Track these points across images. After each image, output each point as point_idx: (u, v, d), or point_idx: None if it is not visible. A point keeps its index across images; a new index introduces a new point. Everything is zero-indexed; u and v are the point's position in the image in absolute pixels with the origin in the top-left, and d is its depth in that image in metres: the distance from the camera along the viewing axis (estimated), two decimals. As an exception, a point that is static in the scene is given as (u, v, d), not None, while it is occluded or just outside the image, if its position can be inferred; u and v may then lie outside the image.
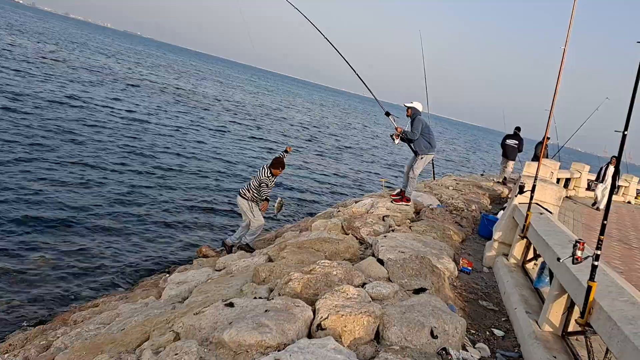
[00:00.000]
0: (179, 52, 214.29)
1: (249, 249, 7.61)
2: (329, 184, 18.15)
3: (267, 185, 7.64)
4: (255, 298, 3.77)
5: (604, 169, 14.08)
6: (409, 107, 7.88)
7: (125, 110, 21.32)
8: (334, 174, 20.14)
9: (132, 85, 31.47)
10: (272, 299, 3.63)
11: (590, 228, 10.56)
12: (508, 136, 14.20)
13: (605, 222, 3.30)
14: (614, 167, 13.08)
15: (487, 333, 4.15)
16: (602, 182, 13.83)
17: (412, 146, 8.08)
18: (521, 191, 6.00)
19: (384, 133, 45.83)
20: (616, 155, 11.85)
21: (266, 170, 7.66)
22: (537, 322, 3.96)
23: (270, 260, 5.50)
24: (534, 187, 5.70)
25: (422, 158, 7.88)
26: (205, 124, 24.15)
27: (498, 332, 4.19)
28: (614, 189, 3.44)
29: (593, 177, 15.99)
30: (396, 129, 7.94)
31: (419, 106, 7.85)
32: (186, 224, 10.31)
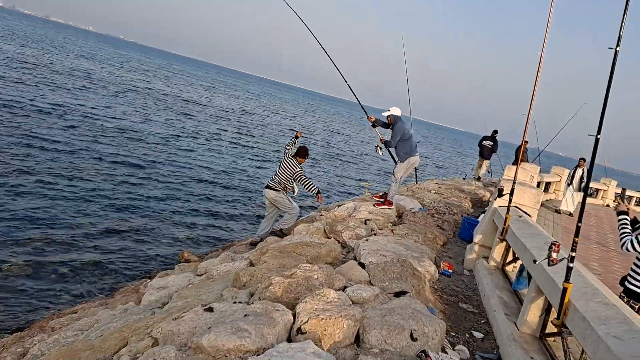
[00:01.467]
0: (163, 55, 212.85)
1: (282, 234, 7.60)
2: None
3: (304, 176, 7.62)
4: (235, 303, 3.75)
5: (572, 171, 13.66)
6: (388, 116, 7.97)
7: (111, 117, 20.95)
8: (318, 179, 20.15)
9: (117, 91, 30.99)
10: (252, 303, 3.62)
11: (570, 231, 10.73)
12: (485, 137, 15.27)
13: (579, 224, 3.36)
14: (582, 169, 13.08)
15: (467, 335, 4.19)
16: (569, 185, 13.49)
17: (392, 154, 8.23)
18: (500, 194, 6.08)
19: (368, 138, 45.99)
20: (584, 157, 11.90)
21: (292, 161, 7.59)
22: (515, 324, 4.01)
23: (251, 264, 5.48)
24: (512, 190, 5.78)
25: (402, 162, 7.94)
26: (192, 131, 23.86)
27: (477, 334, 4.23)
28: (587, 191, 3.50)
29: None
30: (381, 140, 8.06)
31: (397, 112, 7.93)
32: (169, 229, 10.22)
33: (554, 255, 3.33)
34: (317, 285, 3.97)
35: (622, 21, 3.19)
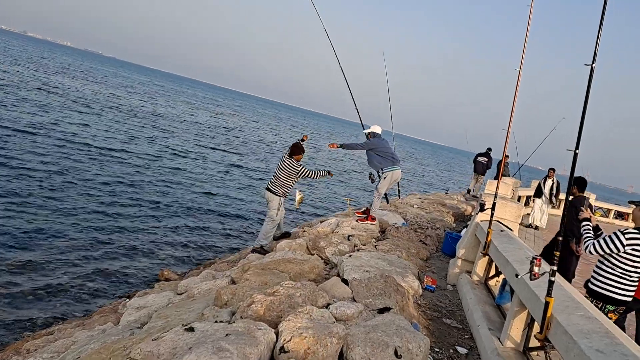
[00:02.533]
0: (142, 71, 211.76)
1: (263, 251, 7.54)
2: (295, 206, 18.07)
3: (307, 170, 7.73)
4: (216, 322, 3.67)
5: (541, 183, 12.96)
6: (368, 133, 8.22)
7: (92, 136, 20.47)
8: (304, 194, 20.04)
9: (99, 109, 30.42)
10: (234, 322, 3.54)
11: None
12: (479, 154, 15.59)
13: (560, 238, 3.39)
14: (552, 180, 12.96)
15: (451, 351, 4.17)
16: (539, 197, 13.00)
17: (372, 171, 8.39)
18: (482, 209, 6.12)
19: (350, 154, 45.99)
20: (554, 168, 12.01)
21: (290, 161, 7.64)
22: (499, 339, 4.00)
23: (233, 282, 5.40)
24: (494, 204, 5.82)
25: (384, 177, 7.99)
26: (175, 149, 23.45)
27: (461, 350, 4.21)
28: (570, 203, 3.54)
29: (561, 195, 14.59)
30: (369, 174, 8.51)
31: (377, 129, 8.24)
32: (148, 248, 10.03)
33: (536, 269, 3.35)
34: (300, 302, 3.92)
35: (597, 39, 3.27)
